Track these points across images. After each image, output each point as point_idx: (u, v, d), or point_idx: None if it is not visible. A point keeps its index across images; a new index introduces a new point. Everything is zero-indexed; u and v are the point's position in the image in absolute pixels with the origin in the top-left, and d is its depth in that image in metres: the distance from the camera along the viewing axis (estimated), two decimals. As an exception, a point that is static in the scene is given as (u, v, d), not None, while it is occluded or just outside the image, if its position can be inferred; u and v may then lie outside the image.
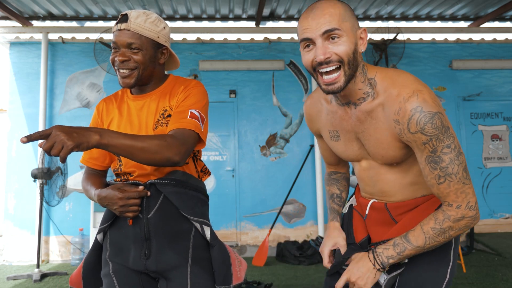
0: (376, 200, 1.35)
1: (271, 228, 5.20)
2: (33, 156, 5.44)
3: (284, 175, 5.65)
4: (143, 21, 1.42)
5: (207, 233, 1.43)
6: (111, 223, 1.48)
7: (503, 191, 5.92)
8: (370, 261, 1.21)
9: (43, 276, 4.46)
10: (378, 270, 1.20)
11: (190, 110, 1.40)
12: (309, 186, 5.66)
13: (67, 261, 5.34)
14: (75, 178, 5.49)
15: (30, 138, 1.05)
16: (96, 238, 1.51)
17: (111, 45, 1.45)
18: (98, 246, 1.52)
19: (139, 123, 1.46)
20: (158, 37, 1.45)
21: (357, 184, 1.48)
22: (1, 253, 5.69)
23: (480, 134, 5.99)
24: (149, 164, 1.27)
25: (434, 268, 1.24)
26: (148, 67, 1.45)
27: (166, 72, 1.62)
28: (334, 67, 1.14)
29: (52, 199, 5.00)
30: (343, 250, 1.38)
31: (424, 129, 1.10)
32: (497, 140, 6.00)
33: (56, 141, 1.08)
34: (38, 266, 4.56)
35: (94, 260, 1.52)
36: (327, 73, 1.16)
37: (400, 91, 1.14)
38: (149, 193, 1.37)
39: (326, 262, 1.40)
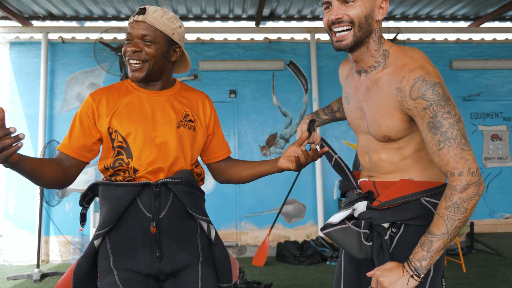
0: (366, 179, 1.41)
1: (271, 228, 5.19)
2: (33, 156, 5.44)
3: (284, 175, 5.64)
4: (160, 16, 1.41)
5: (212, 232, 1.45)
6: (110, 227, 1.39)
7: (503, 191, 5.92)
8: (403, 270, 1.15)
9: (43, 276, 4.46)
10: (411, 276, 1.14)
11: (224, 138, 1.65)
12: (309, 186, 5.66)
13: (67, 261, 5.34)
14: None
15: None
16: (91, 244, 1.39)
17: (125, 36, 1.43)
18: (93, 253, 1.39)
19: (153, 119, 1.43)
20: (173, 34, 1.44)
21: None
22: (1, 253, 5.69)
23: (480, 134, 5.99)
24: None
25: None
26: (159, 62, 1.43)
27: None
28: (345, 28, 1.25)
29: (52, 199, 5.00)
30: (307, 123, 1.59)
31: (425, 95, 1.16)
32: (497, 140, 6.00)
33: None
34: (38, 266, 4.57)
35: (86, 268, 1.39)
36: (340, 31, 1.27)
37: (407, 63, 1.23)
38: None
39: (301, 137, 1.52)
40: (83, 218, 1.46)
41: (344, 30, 1.25)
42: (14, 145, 1.11)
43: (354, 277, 1.41)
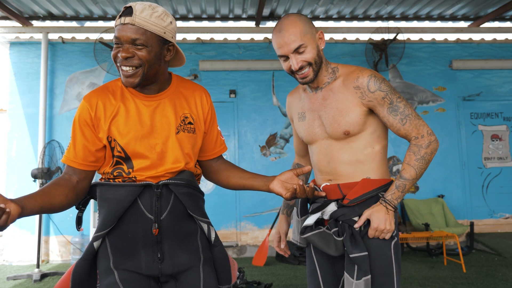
0: (328, 184, 1.61)
1: (271, 228, 5.19)
2: (33, 156, 5.44)
3: (284, 175, 5.64)
4: (148, 15, 1.30)
5: (212, 234, 1.44)
6: (110, 228, 1.36)
7: (503, 191, 5.92)
8: (385, 207, 1.50)
9: (43, 276, 4.46)
10: (393, 211, 1.50)
11: (221, 137, 1.61)
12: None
13: (67, 261, 5.34)
14: (75, 178, 5.49)
15: None
16: (90, 246, 1.36)
17: (113, 40, 1.33)
18: (92, 255, 1.36)
19: (152, 125, 1.37)
20: (165, 33, 1.34)
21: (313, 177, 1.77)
22: (1, 253, 5.69)
23: (480, 134, 5.99)
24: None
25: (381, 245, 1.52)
26: (154, 65, 1.33)
27: None
28: (306, 70, 1.54)
29: (52, 199, 5.00)
30: (284, 237, 1.84)
31: (380, 87, 1.50)
32: (497, 140, 6.00)
33: None
34: (38, 266, 4.57)
35: (85, 270, 1.36)
36: (302, 72, 1.55)
37: (355, 69, 1.56)
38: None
39: (280, 247, 1.82)
40: (79, 221, 1.43)
41: (305, 71, 1.53)
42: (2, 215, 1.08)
43: (329, 269, 1.62)
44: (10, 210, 1.08)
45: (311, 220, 1.56)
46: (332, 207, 1.55)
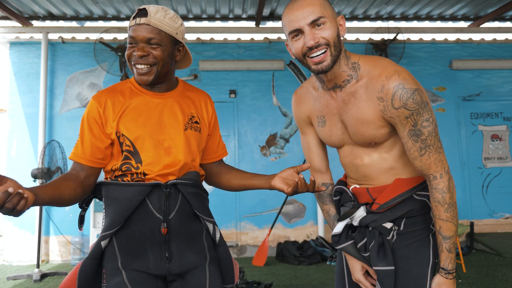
0: (358, 186, 1.44)
1: (271, 228, 5.20)
2: (33, 156, 5.44)
3: (284, 175, 5.64)
4: (162, 16, 1.38)
5: (217, 234, 1.47)
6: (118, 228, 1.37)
7: (503, 191, 5.92)
8: (445, 277, 1.31)
9: (43, 276, 4.46)
10: (452, 278, 1.32)
11: (222, 141, 1.65)
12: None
13: (67, 261, 5.34)
14: (75, 178, 5.49)
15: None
16: (97, 245, 1.36)
17: (127, 40, 1.40)
18: (99, 255, 1.37)
19: (160, 122, 1.42)
20: (177, 33, 1.42)
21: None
22: (1, 253, 5.69)
23: (480, 134, 5.99)
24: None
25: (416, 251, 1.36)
26: (167, 64, 1.41)
27: None
28: (322, 50, 1.27)
29: (52, 199, 5.00)
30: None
31: (406, 104, 1.23)
32: (497, 140, 6.00)
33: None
34: (38, 266, 4.57)
35: (92, 269, 1.37)
36: (317, 55, 1.28)
37: (382, 71, 1.27)
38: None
39: (369, 285, 1.43)
40: (81, 220, 1.45)
41: (321, 54, 1.27)
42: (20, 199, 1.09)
43: None
44: (27, 196, 1.10)
45: (339, 228, 1.42)
46: (361, 212, 1.40)
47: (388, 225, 1.36)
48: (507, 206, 5.90)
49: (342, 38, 1.32)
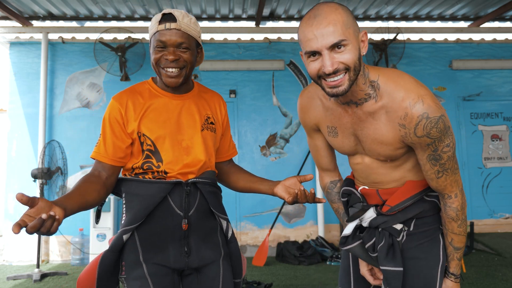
0: (367, 187, 1.43)
1: (271, 228, 5.20)
2: (33, 156, 5.44)
3: (284, 175, 5.64)
4: (189, 21, 1.43)
5: (230, 231, 1.55)
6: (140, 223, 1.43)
7: (503, 191, 5.92)
8: (454, 282, 1.39)
9: (43, 276, 4.46)
10: (459, 281, 1.41)
11: (233, 141, 1.71)
12: (309, 186, 5.66)
13: (67, 261, 5.34)
14: (75, 178, 5.49)
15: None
16: (119, 238, 1.41)
17: (155, 43, 1.43)
18: (119, 247, 1.42)
19: (179, 122, 1.48)
20: (199, 37, 1.49)
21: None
22: (1, 253, 5.69)
23: (480, 134, 5.99)
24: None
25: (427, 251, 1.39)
26: (193, 66, 1.48)
27: None
28: (340, 76, 1.16)
29: (52, 199, 4.99)
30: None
31: (430, 134, 1.19)
32: (497, 140, 5.99)
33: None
34: (38, 266, 4.56)
35: (112, 261, 1.42)
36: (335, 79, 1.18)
37: (405, 96, 1.20)
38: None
39: (372, 280, 1.44)
40: (98, 215, 1.53)
41: (338, 78, 1.17)
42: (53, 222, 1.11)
43: None
44: (59, 217, 1.13)
45: (348, 229, 1.41)
46: (371, 213, 1.39)
47: (398, 226, 1.36)
48: (507, 206, 5.90)
49: (362, 54, 1.21)
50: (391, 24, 5.82)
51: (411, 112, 1.18)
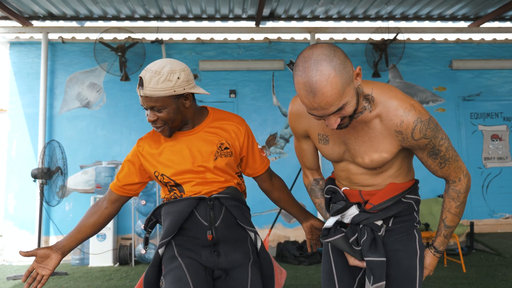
0: (348, 188, 1.54)
1: (271, 228, 5.19)
2: (33, 156, 5.44)
3: (284, 175, 5.59)
4: (155, 83, 1.46)
5: (259, 243, 1.67)
6: (173, 236, 1.60)
7: (503, 191, 5.92)
8: (433, 255, 1.55)
9: (43, 276, 4.45)
10: (438, 257, 1.57)
11: (263, 153, 1.77)
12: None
13: (67, 261, 5.34)
14: (75, 178, 5.49)
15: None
16: (156, 253, 1.61)
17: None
18: (158, 261, 1.61)
19: (193, 155, 1.60)
20: (175, 91, 1.50)
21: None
22: (1, 253, 5.70)
23: (480, 134, 5.99)
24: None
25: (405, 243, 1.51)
26: (176, 119, 1.55)
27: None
28: (344, 121, 1.31)
29: (52, 199, 5.00)
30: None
31: (426, 134, 1.34)
32: (497, 140, 6.00)
33: None
34: (38, 266, 4.56)
35: (154, 275, 1.61)
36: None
37: (398, 105, 1.34)
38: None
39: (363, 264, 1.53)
40: (146, 242, 1.72)
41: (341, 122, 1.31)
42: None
43: (346, 268, 1.58)
44: (45, 277, 1.59)
45: (330, 222, 1.52)
46: (353, 211, 1.50)
47: (379, 222, 1.49)
48: (507, 206, 5.90)
49: (358, 86, 1.29)
50: (391, 24, 5.82)
51: (407, 119, 1.33)
